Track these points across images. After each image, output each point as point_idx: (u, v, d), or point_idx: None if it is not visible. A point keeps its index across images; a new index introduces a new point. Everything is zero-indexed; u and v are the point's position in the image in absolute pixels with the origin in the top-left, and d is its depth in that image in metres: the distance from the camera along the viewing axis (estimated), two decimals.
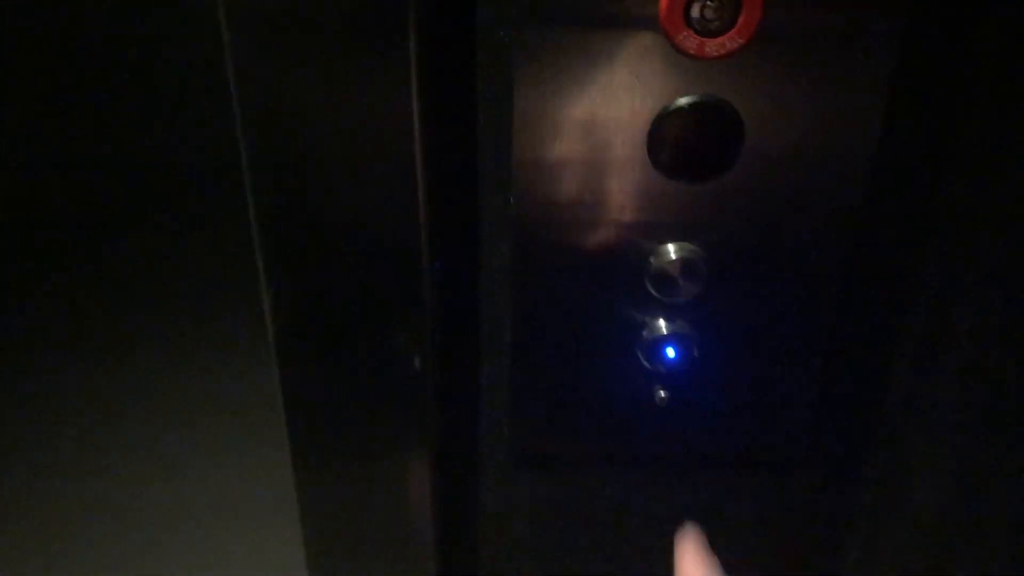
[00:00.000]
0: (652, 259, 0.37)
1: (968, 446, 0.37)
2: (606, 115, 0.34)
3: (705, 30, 0.32)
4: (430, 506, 0.42)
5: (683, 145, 0.35)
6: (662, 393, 0.40)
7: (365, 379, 0.39)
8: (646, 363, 0.39)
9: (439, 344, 0.38)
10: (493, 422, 0.42)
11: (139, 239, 0.37)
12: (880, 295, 0.38)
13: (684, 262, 0.37)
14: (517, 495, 0.44)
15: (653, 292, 0.38)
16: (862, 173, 0.35)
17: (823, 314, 0.38)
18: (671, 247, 0.37)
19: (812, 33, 0.33)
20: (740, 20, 0.32)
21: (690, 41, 0.32)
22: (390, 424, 0.40)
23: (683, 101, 0.34)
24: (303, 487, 0.42)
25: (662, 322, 0.39)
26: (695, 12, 0.32)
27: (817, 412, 0.41)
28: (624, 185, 0.36)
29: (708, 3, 0.32)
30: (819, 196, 0.36)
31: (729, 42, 0.32)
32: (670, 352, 0.39)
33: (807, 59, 0.33)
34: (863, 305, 0.39)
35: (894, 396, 0.40)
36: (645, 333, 0.39)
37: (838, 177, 0.35)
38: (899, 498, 0.42)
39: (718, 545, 0.40)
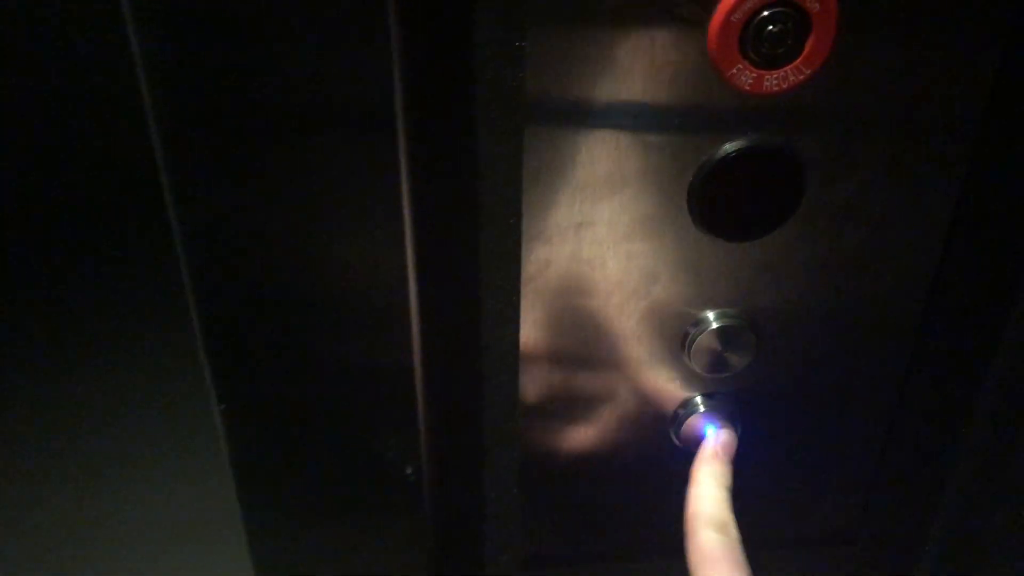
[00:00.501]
0: (691, 329, 0.31)
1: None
2: (637, 168, 0.28)
3: (765, 60, 0.26)
4: None
5: (731, 198, 0.28)
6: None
7: (358, 489, 0.32)
8: (679, 444, 0.33)
9: (434, 450, 0.31)
10: (499, 523, 0.36)
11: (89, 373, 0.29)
12: (951, 366, 0.33)
13: (728, 331, 0.31)
14: None
15: (692, 366, 0.31)
16: (939, 228, 0.29)
17: (886, 387, 0.33)
18: (711, 314, 0.31)
19: (892, 64, 0.27)
20: (808, 46, 0.26)
21: (745, 75, 0.26)
22: (386, 534, 0.33)
23: (731, 147, 0.27)
24: None
25: (698, 399, 0.33)
26: (753, 38, 0.25)
27: (873, 495, 0.35)
28: (660, 246, 0.29)
29: (771, 28, 0.25)
30: (888, 255, 0.30)
31: (793, 74, 0.26)
32: (710, 432, 0.33)
33: (884, 95, 0.27)
34: (932, 377, 0.33)
35: (961, 477, 0.35)
36: (680, 411, 0.33)
37: (912, 233, 0.29)
38: None
39: None
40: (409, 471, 0.31)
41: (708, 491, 0.30)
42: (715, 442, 0.31)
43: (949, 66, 0.27)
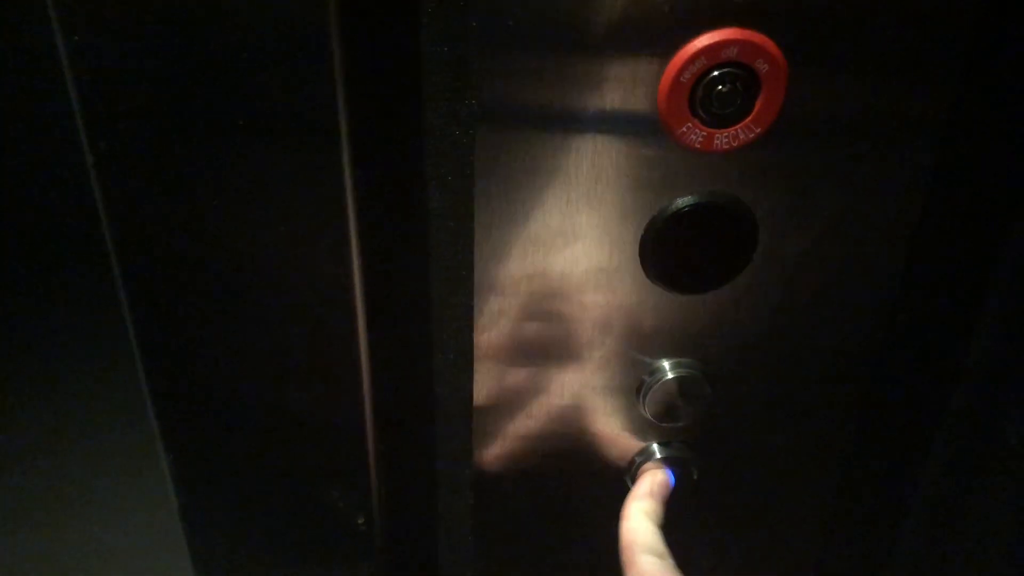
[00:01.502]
0: (646, 378, 0.31)
1: None
2: (589, 222, 0.28)
3: (714, 119, 0.26)
4: None
5: (683, 252, 0.28)
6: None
7: (309, 537, 0.31)
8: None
9: (386, 499, 0.31)
10: (455, 558, 0.35)
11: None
12: (902, 420, 0.33)
13: (682, 381, 0.31)
14: None
15: (648, 416, 0.31)
16: (891, 279, 0.30)
17: (841, 437, 0.33)
18: (666, 363, 0.31)
19: (840, 120, 0.27)
20: (758, 105, 0.26)
21: (695, 134, 0.26)
22: None
23: (682, 202, 0.27)
24: None
25: (654, 446, 0.33)
26: (702, 98, 0.25)
27: (829, 539, 0.36)
28: (614, 298, 0.29)
29: (720, 88, 0.25)
30: (840, 307, 0.30)
31: (743, 132, 0.26)
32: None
33: (834, 150, 0.27)
34: (884, 428, 0.33)
35: (913, 527, 0.35)
36: (637, 458, 0.33)
37: (863, 284, 0.30)
38: None
39: None
40: (360, 520, 0.31)
41: (642, 525, 0.30)
42: (650, 481, 0.31)
43: (898, 120, 0.27)
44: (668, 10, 0.24)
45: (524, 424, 0.31)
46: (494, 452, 0.32)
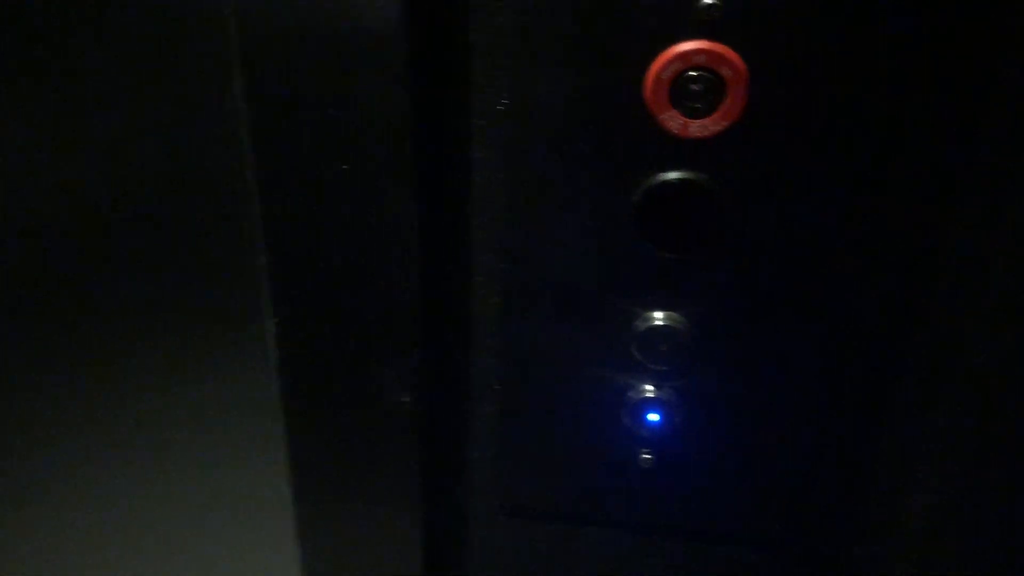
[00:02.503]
0: (638, 324, 0.38)
1: (947, 534, 0.37)
2: (595, 185, 0.36)
3: (689, 111, 0.33)
4: (418, 546, 0.44)
5: (668, 218, 0.36)
6: (645, 456, 0.41)
7: (359, 415, 0.41)
8: (629, 425, 0.40)
9: (427, 384, 0.40)
10: (483, 470, 0.44)
11: (149, 283, 0.40)
12: (863, 373, 0.38)
13: (666, 329, 0.38)
14: (504, 544, 0.45)
15: (637, 356, 0.38)
16: (840, 255, 0.35)
17: (804, 393, 0.38)
18: (656, 314, 0.38)
19: (795, 116, 0.33)
20: (724, 104, 0.33)
21: (674, 121, 0.33)
22: (380, 462, 0.42)
23: (667, 177, 0.35)
24: (301, 519, 0.44)
25: (646, 386, 0.39)
26: (679, 93, 0.33)
27: (795, 492, 0.40)
28: (613, 252, 0.37)
29: (693, 86, 0.33)
30: (795, 276, 0.36)
31: (713, 124, 0.33)
32: (653, 416, 0.40)
33: (790, 141, 0.34)
34: (845, 383, 0.38)
35: (884, 472, 0.40)
36: (630, 395, 0.40)
37: (815, 255, 0.35)
38: None
39: None
40: (405, 399, 0.40)
41: None
42: None
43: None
44: (655, 24, 0.32)
45: (547, 339, 0.39)
46: (520, 363, 0.40)
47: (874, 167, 0.33)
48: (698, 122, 0.33)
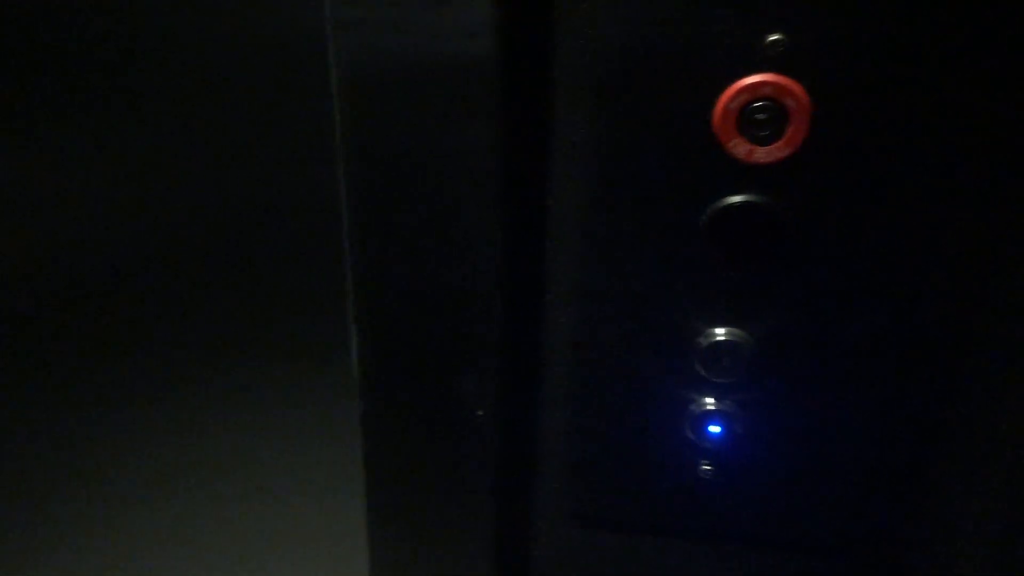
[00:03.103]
0: (701, 339, 0.40)
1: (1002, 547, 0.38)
2: (667, 208, 0.38)
3: (755, 139, 0.36)
4: (489, 556, 0.46)
5: (733, 239, 0.38)
6: (706, 467, 0.43)
7: (434, 426, 0.43)
8: (691, 436, 0.42)
9: (503, 398, 0.42)
10: (552, 481, 0.46)
11: (238, 283, 0.43)
12: (924, 393, 0.40)
13: (729, 344, 0.40)
14: (570, 554, 0.47)
15: (700, 371, 0.41)
16: (897, 280, 0.37)
17: (864, 411, 0.40)
18: (720, 330, 0.40)
19: (855, 144, 0.36)
20: (788, 132, 0.35)
21: (741, 148, 0.36)
22: (455, 473, 0.44)
23: (733, 200, 0.37)
24: (373, 527, 0.46)
25: (708, 399, 0.42)
26: (746, 122, 0.36)
27: (857, 500, 0.42)
28: (681, 271, 0.39)
29: (759, 116, 0.35)
30: (856, 297, 0.38)
31: (777, 151, 0.36)
32: (714, 428, 0.42)
33: (850, 169, 0.36)
34: (905, 398, 0.40)
35: (938, 493, 0.41)
36: (692, 407, 0.42)
37: (874, 275, 0.38)
38: None
39: None
40: (480, 412, 0.42)
41: None
42: None
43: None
44: (725, 58, 0.35)
45: (616, 353, 0.41)
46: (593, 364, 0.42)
47: (931, 192, 0.36)
48: (763, 149, 0.36)
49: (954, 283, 0.38)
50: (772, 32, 0.34)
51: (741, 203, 0.37)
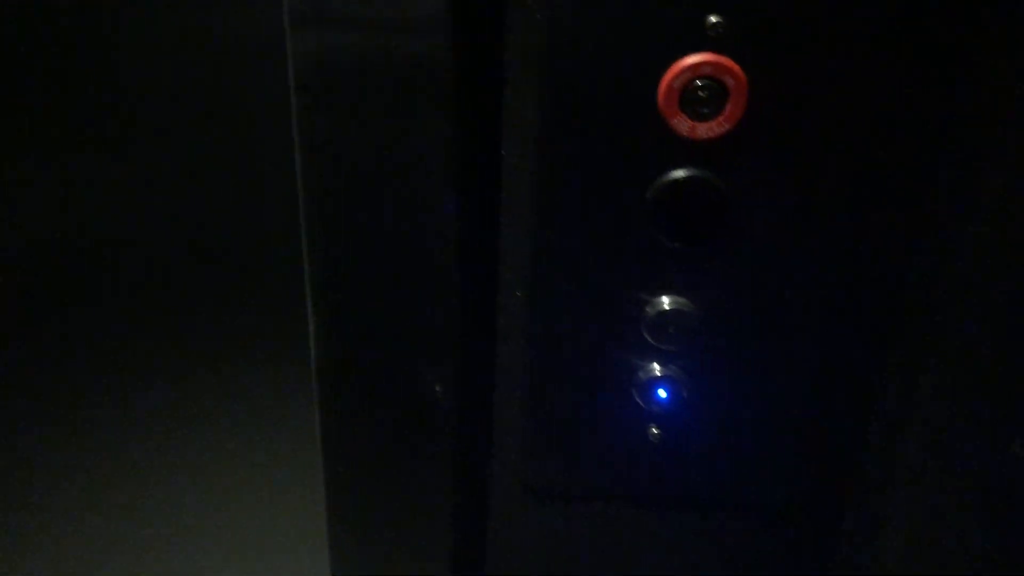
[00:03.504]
0: (648, 309, 0.42)
1: (929, 499, 0.42)
2: (613, 184, 0.40)
3: (697, 115, 0.38)
4: (445, 525, 0.47)
5: (677, 212, 0.40)
6: (655, 431, 0.45)
7: (392, 407, 0.44)
8: (640, 402, 0.44)
9: (459, 375, 0.43)
10: (505, 453, 0.47)
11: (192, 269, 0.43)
12: (856, 354, 0.43)
13: (675, 313, 0.42)
14: (524, 525, 0.49)
15: (648, 338, 0.43)
16: (834, 246, 0.40)
17: (801, 372, 0.43)
18: (665, 299, 0.42)
19: (790, 119, 0.38)
20: (727, 108, 0.37)
21: (684, 125, 0.38)
22: (411, 446, 0.45)
23: (677, 174, 0.39)
24: (332, 503, 0.47)
25: (655, 365, 0.44)
26: (688, 99, 0.37)
27: (797, 463, 0.45)
28: (628, 244, 0.41)
29: (700, 93, 0.37)
30: (793, 265, 0.41)
31: (718, 126, 0.38)
32: (661, 393, 0.44)
33: (788, 146, 0.38)
34: (839, 368, 0.43)
35: (873, 445, 0.44)
36: (640, 374, 0.44)
37: (811, 244, 0.40)
38: (874, 550, 0.46)
39: None
40: (438, 388, 0.43)
41: None
42: None
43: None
44: (668, 39, 0.37)
45: (569, 325, 0.43)
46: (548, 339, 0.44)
47: (863, 165, 0.38)
48: (704, 125, 0.38)
49: (887, 252, 0.40)
50: (712, 14, 0.36)
51: (684, 178, 0.39)
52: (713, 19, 0.36)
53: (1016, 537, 0.37)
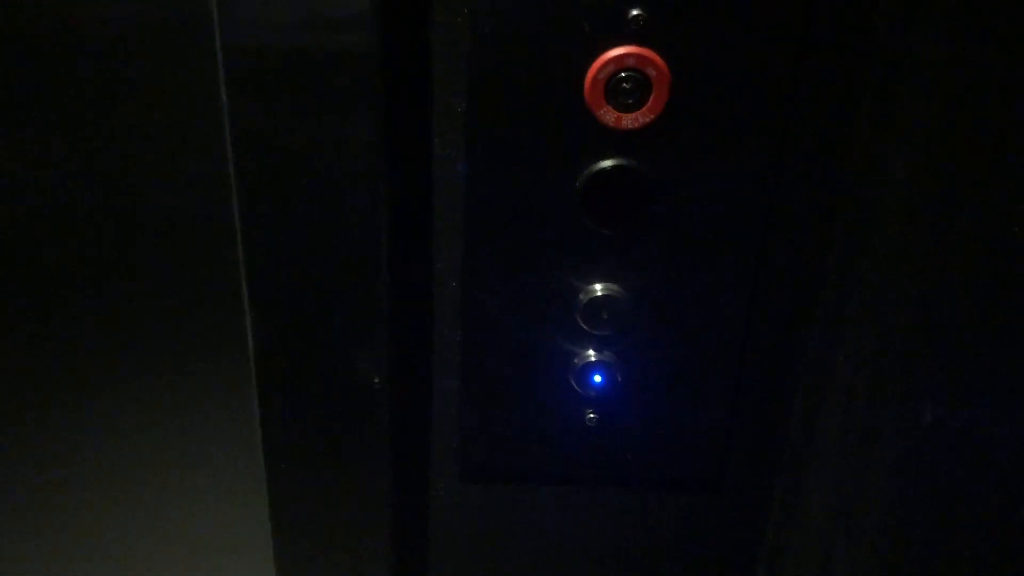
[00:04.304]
0: (581, 296, 0.44)
1: (847, 463, 0.43)
2: (543, 173, 0.41)
3: (622, 106, 0.39)
4: (384, 513, 0.47)
5: (606, 200, 0.41)
6: (591, 415, 0.46)
7: (331, 395, 0.45)
8: (577, 387, 0.45)
9: (395, 365, 0.44)
10: (443, 437, 0.48)
11: (134, 265, 0.43)
12: (776, 332, 0.45)
13: (607, 299, 0.43)
14: (464, 508, 0.50)
15: (582, 324, 0.44)
16: (754, 227, 0.42)
17: (727, 350, 0.44)
18: (597, 286, 0.43)
19: (709, 109, 0.40)
20: (651, 99, 0.39)
21: (609, 115, 0.39)
22: (350, 436, 0.46)
23: (604, 164, 0.40)
24: (273, 492, 0.47)
25: (590, 351, 0.45)
26: (613, 91, 0.39)
27: (726, 438, 0.47)
28: (560, 231, 0.42)
29: (624, 85, 0.38)
30: (717, 248, 0.42)
31: (642, 116, 0.39)
32: (596, 378, 0.45)
33: (708, 133, 0.40)
34: (763, 341, 0.45)
35: (794, 419, 0.46)
36: (575, 360, 0.45)
37: (732, 230, 0.42)
38: (797, 516, 0.48)
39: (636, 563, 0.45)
40: (376, 380, 0.44)
41: None
42: None
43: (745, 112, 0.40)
44: (592, 32, 0.38)
45: (503, 313, 0.44)
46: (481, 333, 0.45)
47: (779, 149, 0.40)
48: (629, 115, 0.39)
49: (802, 233, 0.42)
50: (633, 7, 0.38)
51: (611, 167, 0.40)
52: (635, 12, 0.38)
53: (929, 500, 0.39)
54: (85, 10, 0.37)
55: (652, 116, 0.39)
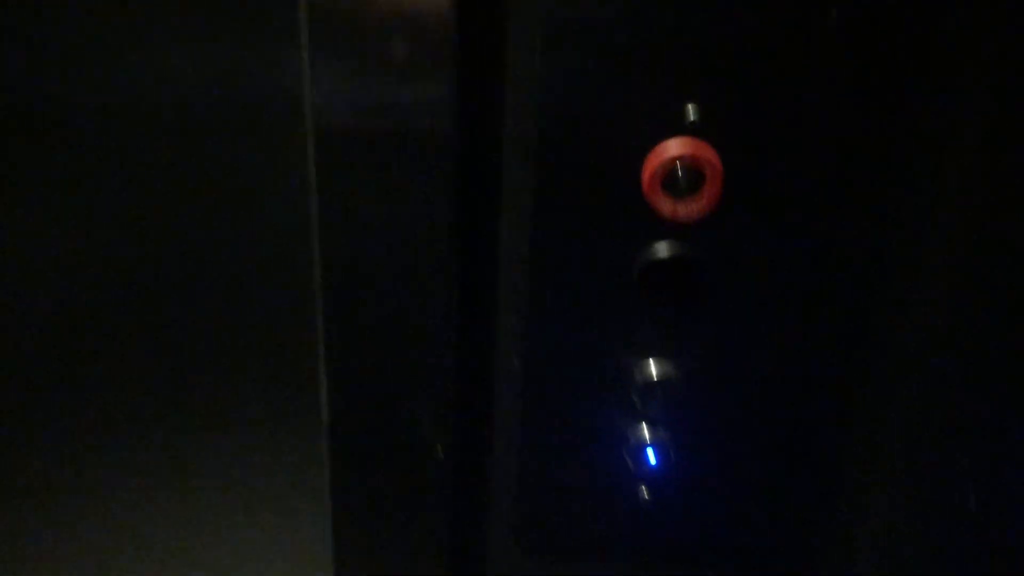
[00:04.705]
0: (637, 375, 0.45)
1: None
2: (603, 261, 0.43)
3: (678, 197, 0.41)
4: None
5: (663, 287, 0.43)
6: (644, 492, 0.47)
7: (396, 464, 0.47)
8: (631, 466, 0.47)
9: (458, 434, 0.46)
10: (502, 511, 0.50)
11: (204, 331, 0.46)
12: (827, 418, 0.45)
13: (662, 383, 0.45)
14: None
15: (637, 405, 0.45)
16: (804, 314, 0.43)
17: (779, 433, 0.45)
18: (653, 368, 0.45)
19: (764, 203, 0.41)
20: (705, 193, 0.41)
21: (666, 205, 0.41)
22: (413, 508, 0.48)
23: (660, 249, 0.42)
24: (338, 552, 0.50)
25: (645, 430, 0.46)
26: (670, 183, 0.41)
27: (779, 515, 0.47)
28: (617, 316, 0.44)
29: (680, 178, 0.40)
30: (771, 334, 0.43)
31: (697, 209, 0.41)
32: (651, 457, 0.46)
33: (763, 219, 0.42)
34: (812, 428, 0.45)
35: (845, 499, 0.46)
36: (630, 439, 0.46)
37: (785, 316, 0.43)
38: None
39: None
40: (439, 447, 0.46)
41: None
42: None
43: None
44: (651, 127, 0.40)
45: (563, 394, 0.46)
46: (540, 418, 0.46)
47: (831, 239, 0.42)
48: (684, 206, 0.41)
49: (853, 319, 0.43)
50: (689, 101, 0.40)
51: (668, 256, 0.42)
52: (691, 107, 0.40)
53: None
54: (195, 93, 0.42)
55: (707, 208, 0.41)
